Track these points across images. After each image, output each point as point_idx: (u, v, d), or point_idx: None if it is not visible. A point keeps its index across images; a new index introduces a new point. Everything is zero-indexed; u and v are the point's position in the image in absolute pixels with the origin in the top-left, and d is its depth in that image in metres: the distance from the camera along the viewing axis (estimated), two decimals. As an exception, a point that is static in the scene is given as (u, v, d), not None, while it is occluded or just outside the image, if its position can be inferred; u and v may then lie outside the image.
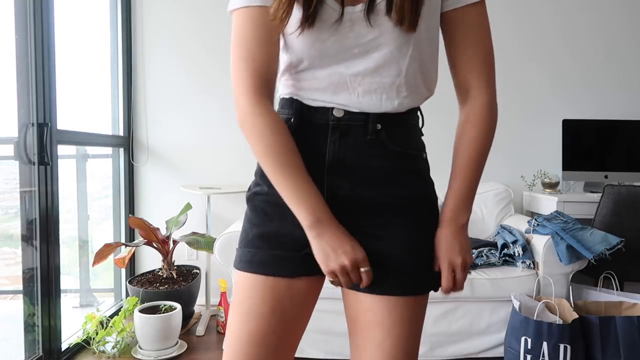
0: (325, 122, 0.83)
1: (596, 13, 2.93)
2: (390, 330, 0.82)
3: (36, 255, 1.96)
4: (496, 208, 2.68)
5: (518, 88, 2.96)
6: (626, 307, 2.04)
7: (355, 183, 0.83)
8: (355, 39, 0.80)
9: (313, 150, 0.83)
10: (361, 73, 0.81)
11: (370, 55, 0.80)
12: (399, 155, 0.84)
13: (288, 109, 0.87)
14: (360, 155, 0.83)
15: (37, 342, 1.99)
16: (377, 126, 0.83)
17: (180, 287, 2.42)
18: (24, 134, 1.92)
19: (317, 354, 2.10)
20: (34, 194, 1.96)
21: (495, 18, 2.91)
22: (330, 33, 0.79)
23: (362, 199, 0.83)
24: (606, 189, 2.27)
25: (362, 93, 0.82)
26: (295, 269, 0.85)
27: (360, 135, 0.83)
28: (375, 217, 0.84)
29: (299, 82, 0.85)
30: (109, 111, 2.84)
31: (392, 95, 0.82)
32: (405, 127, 0.86)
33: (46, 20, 1.96)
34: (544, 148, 2.95)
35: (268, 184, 0.84)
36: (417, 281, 0.84)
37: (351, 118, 0.83)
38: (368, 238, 0.83)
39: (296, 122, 0.85)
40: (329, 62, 0.82)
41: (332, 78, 0.82)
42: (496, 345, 2.10)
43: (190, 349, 2.26)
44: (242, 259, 0.87)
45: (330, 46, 0.80)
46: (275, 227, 0.85)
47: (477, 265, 2.16)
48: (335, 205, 0.82)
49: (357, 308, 0.86)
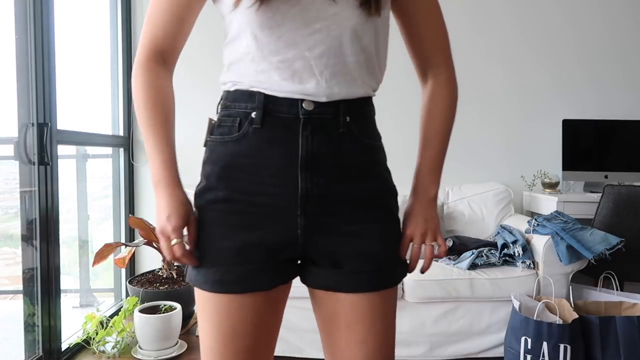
0: (295, 115, 0.78)
1: (599, 13, 2.93)
2: (371, 326, 0.82)
3: (36, 255, 1.96)
4: (496, 208, 2.68)
5: (518, 88, 2.96)
6: (626, 307, 2.04)
7: (332, 179, 0.79)
8: (317, 13, 0.76)
9: (283, 147, 0.78)
10: (325, 54, 0.77)
11: (333, 33, 0.77)
12: (368, 147, 0.83)
13: (247, 102, 0.80)
14: (334, 149, 0.79)
15: (37, 342, 1.99)
16: (347, 118, 0.80)
17: (180, 287, 2.42)
18: (24, 134, 1.92)
19: (317, 354, 2.10)
20: (34, 194, 1.96)
21: (498, 18, 2.92)
22: (291, 4, 0.75)
23: (338, 196, 0.80)
24: (606, 189, 2.27)
25: (330, 77, 0.78)
26: (272, 281, 0.81)
27: (332, 129, 0.79)
28: (353, 214, 0.81)
29: (259, 72, 0.78)
30: (109, 111, 2.84)
31: (356, 75, 0.80)
32: (368, 118, 0.85)
33: (46, 20, 1.96)
34: (544, 148, 2.95)
35: (224, 186, 0.80)
36: (392, 273, 0.85)
37: (322, 111, 0.78)
38: (347, 237, 0.81)
39: (260, 116, 0.78)
40: (290, 41, 0.76)
41: (296, 64, 0.77)
42: (496, 345, 2.10)
43: (190, 349, 2.26)
44: (209, 279, 0.79)
45: (292, 19, 0.76)
46: (242, 238, 0.79)
47: (477, 265, 2.16)
48: (311, 205, 0.79)
49: (336, 308, 0.83)
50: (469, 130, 2.95)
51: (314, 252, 0.82)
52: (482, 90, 2.96)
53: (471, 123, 2.96)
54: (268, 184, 0.79)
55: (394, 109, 2.83)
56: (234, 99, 0.82)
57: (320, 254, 0.82)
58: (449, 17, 2.93)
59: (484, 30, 2.94)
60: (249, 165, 0.79)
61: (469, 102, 2.95)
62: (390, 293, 0.85)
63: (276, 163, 0.78)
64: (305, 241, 0.80)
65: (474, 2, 2.93)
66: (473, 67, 2.94)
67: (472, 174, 2.94)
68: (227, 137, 0.81)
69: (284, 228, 0.79)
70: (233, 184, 0.80)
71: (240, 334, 0.80)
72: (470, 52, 2.94)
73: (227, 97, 0.83)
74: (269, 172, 0.78)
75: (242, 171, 0.79)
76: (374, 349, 0.82)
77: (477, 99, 2.96)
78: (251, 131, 0.79)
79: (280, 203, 0.79)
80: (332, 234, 0.80)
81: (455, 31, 3.03)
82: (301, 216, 0.79)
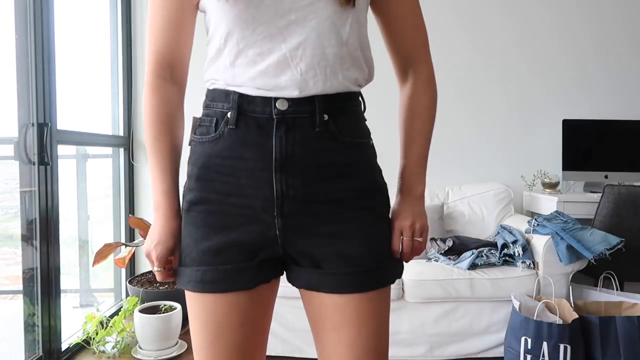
0: (269, 115, 0.76)
1: (593, 13, 2.93)
2: (360, 328, 0.80)
3: (36, 255, 1.96)
4: (496, 208, 2.68)
5: (518, 88, 2.96)
6: (626, 307, 2.04)
7: (307, 181, 0.78)
8: (292, 3, 0.74)
9: (258, 148, 0.77)
10: (302, 45, 0.75)
11: (309, 23, 0.75)
12: (349, 145, 0.81)
13: (223, 102, 0.79)
14: (309, 150, 0.77)
15: (37, 342, 1.99)
16: (324, 117, 0.78)
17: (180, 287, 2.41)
18: (24, 134, 1.92)
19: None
20: (34, 194, 1.96)
21: (497, 21, 2.92)
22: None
23: (315, 197, 0.78)
24: (606, 189, 2.27)
25: (306, 69, 0.75)
26: (252, 280, 0.81)
27: (308, 128, 0.77)
28: (331, 215, 0.80)
29: (233, 67, 0.78)
30: (109, 111, 2.84)
31: (337, 69, 0.78)
32: (351, 115, 0.82)
33: (46, 20, 1.96)
34: (544, 148, 2.95)
35: (201, 187, 0.81)
36: (379, 274, 0.82)
37: (297, 110, 0.76)
38: (326, 239, 0.79)
39: (234, 116, 0.78)
40: (265, 33, 0.75)
41: (271, 57, 0.75)
42: (496, 345, 2.10)
43: (190, 349, 2.26)
44: (192, 278, 0.80)
45: (265, 10, 0.74)
46: (221, 238, 0.79)
47: (477, 265, 2.16)
48: (287, 206, 0.78)
49: (321, 310, 0.82)
50: (469, 131, 2.95)
51: (293, 252, 0.81)
52: (482, 91, 2.96)
53: (471, 123, 2.96)
54: (244, 185, 0.78)
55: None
56: (213, 98, 0.82)
57: (299, 255, 0.81)
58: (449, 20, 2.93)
59: (483, 33, 2.94)
60: (224, 167, 0.79)
61: (469, 103, 2.95)
62: (379, 294, 0.82)
63: (251, 164, 0.77)
64: (284, 241, 0.80)
65: (472, 8, 2.93)
66: (473, 68, 2.94)
67: (472, 174, 2.94)
68: (205, 137, 0.81)
69: (261, 229, 0.79)
70: (210, 185, 0.80)
71: (226, 332, 0.81)
72: (470, 53, 2.94)
73: (207, 96, 0.84)
74: (244, 173, 0.78)
75: (218, 172, 0.79)
76: (364, 352, 0.81)
77: (476, 99, 2.96)
78: (226, 132, 0.79)
79: (257, 204, 0.78)
80: (311, 235, 0.80)
81: (455, 33, 3.06)
82: (278, 217, 0.78)
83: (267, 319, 0.87)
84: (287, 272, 0.86)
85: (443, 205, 2.68)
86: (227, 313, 0.80)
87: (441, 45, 2.86)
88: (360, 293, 0.80)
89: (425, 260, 2.32)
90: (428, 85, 0.89)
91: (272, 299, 0.87)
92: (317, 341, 0.87)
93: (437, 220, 2.56)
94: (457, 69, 2.93)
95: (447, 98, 2.92)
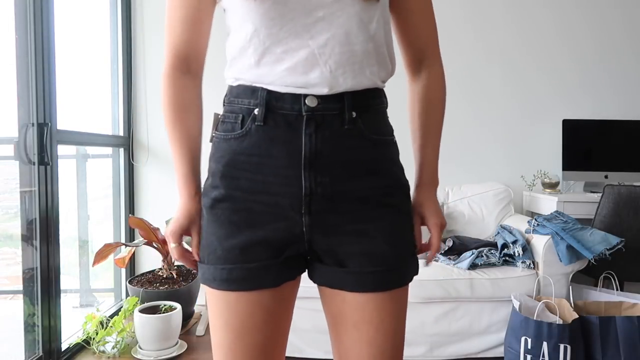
0: (298, 112, 0.76)
1: (595, 14, 2.93)
2: (379, 326, 0.81)
3: (36, 255, 1.96)
4: (496, 208, 2.68)
5: (518, 88, 2.96)
6: (626, 307, 2.04)
7: (336, 178, 0.78)
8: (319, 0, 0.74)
9: (286, 145, 0.76)
10: (330, 41, 0.75)
11: (337, 20, 0.75)
12: (376, 143, 0.81)
13: (249, 98, 0.79)
14: (339, 147, 0.77)
15: (37, 342, 1.99)
16: (353, 114, 0.78)
17: (180, 287, 2.42)
18: (24, 134, 1.92)
19: (317, 354, 2.10)
20: (34, 194, 1.96)
21: (498, 21, 2.92)
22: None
23: (343, 195, 0.78)
24: (606, 189, 2.27)
25: (335, 66, 0.75)
26: (278, 278, 0.80)
27: (337, 126, 0.77)
28: (358, 212, 0.80)
29: (259, 66, 0.77)
30: (109, 111, 2.84)
31: (364, 65, 0.78)
32: (377, 113, 0.83)
33: (46, 20, 1.96)
34: (544, 148, 2.95)
35: (226, 184, 0.79)
36: (402, 272, 0.83)
37: (326, 107, 0.76)
38: (351, 237, 0.80)
39: (262, 113, 0.77)
40: (292, 31, 0.75)
41: (299, 54, 0.75)
42: (496, 345, 2.10)
43: (190, 349, 2.26)
44: (217, 277, 0.80)
45: (293, 7, 0.74)
46: (246, 236, 0.78)
47: (477, 265, 2.16)
48: (315, 204, 0.78)
49: (343, 307, 0.83)
50: (469, 130, 2.95)
51: (318, 249, 0.81)
52: (482, 91, 2.96)
53: (471, 123, 2.96)
54: (271, 182, 0.78)
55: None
56: (237, 94, 0.81)
57: (324, 252, 0.81)
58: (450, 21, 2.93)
59: (484, 33, 2.94)
60: (251, 164, 0.78)
61: (469, 103, 2.95)
62: (400, 293, 0.83)
63: (279, 162, 0.77)
64: (310, 238, 0.80)
65: (474, 7, 2.93)
66: (473, 68, 2.94)
67: (472, 174, 2.94)
68: (230, 134, 0.80)
69: (288, 226, 0.79)
70: (235, 183, 0.79)
71: (249, 331, 0.80)
72: (470, 53, 2.94)
73: (231, 92, 0.83)
74: (272, 170, 0.77)
75: (244, 169, 0.79)
76: (382, 350, 0.81)
77: (477, 99, 2.96)
78: (254, 128, 0.78)
79: (284, 202, 0.78)
80: (337, 233, 0.80)
81: (456, 34, 3.06)
82: (306, 215, 0.78)
83: (288, 317, 0.87)
84: (309, 270, 0.86)
85: (443, 205, 2.68)
86: (251, 312, 0.80)
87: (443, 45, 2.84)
88: (382, 292, 0.81)
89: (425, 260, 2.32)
90: (441, 78, 0.91)
91: (294, 296, 0.87)
92: (336, 338, 0.87)
93: (437, 220, 2.56)
94: (458, 69, 2.93)
95: (448, 98, 2.89)
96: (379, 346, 0.81)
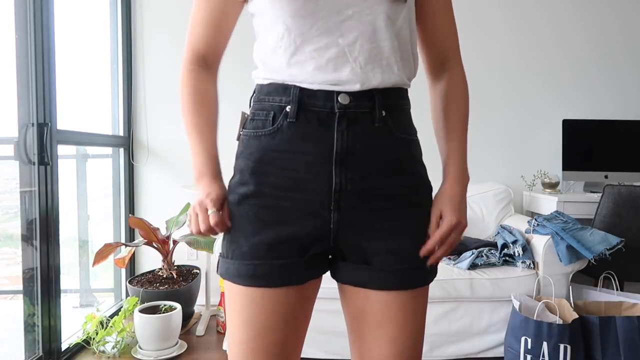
0: (330, 109, 0.78)
1: (593, 17, 2.93)
2: (402, 325, 0.81)
3: (36, 255, 1.96)
4: (496, 208, 2.68)
5: (518, 88, 2.96)
6: (626, 307, 2.04)
7: (366, 175, 0.79)
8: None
9: (318, 142, 0.78)
10: (359, 39, 0.77)
11: (365, 18, 0.77)
12: (403, 141, 0.83)
13: (281, 96, 0.80)
14: (369, 144, 0.79)
15: (37, 342, 1.99)
16: (382, 112, 0.79)
17: (180, 287, 2.42)
18: (24, 134, 1.92)
19: (317, 354, 2.10)
20: (34, 194, 1.96)
21: (496, 22, 2.92)
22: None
23: (372, 192, 0.79)
24: (606, 189, 2.27)
25: (364, 62, 0.77)
26: (304, 276, 0.81)
27: (368, 124, 0.79)
28: (386, 210, 0.80)
29: (291, 66, 0.79)
30: (109, 111, 2.84)
31: (391, 62, 0.80)
32: (404, 112, 0.84)
33: (46, 20, 1.96)
34: (544, 148, 2.95)
35: (256, 181, 0.80)
36: (425, 272, 0.83)
37: (358, 105, 0.78)
38: (379, 233, 0.80)
39: (295, 110, 0.78)
40: (322, 29, 0.76)
41: (329, 52, 0.77)
42: (496, 345, 2.10)
43: (190, 349, 2.26)
44: (242, 272, 0.80)
45: (323, 5, 0.76)
46: (274, 233, 0.79)
47: (477, 265, 2.16)
48: (344, 200, 0.78)
49: (366, 306, 0.83)
50: (469, 130, 2.95)
51: (344, 247, 0.81)
52: (481, 92, 2.96)
53: (471, 123, 2.94)
54: (302, 179, 0.78)
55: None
56: (268, 92, 0.82)
57: (350, 250, 0.82)
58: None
59: (484, 34, 2.94)
60: (282, 160, 0.79)
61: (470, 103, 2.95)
62: (422, 292, 0.84)
63: (311, 158, 0.78)
64: (336, 235, 0.80)
65: (472, 11, 2.93)
66: (473, 68, 2.94)
67: (472, 174, 2.91)
68: (260, 131, 0.81)
69: (316, 223, 0.79)
70: (265, 179, 0.80)
71: (270, 328, 0.80)
72: (470, 54, 2.94)
73: (261, 90, 0.83)
74: (303, 167, 0.78)
75: (275, 166, 0.79)
76: (403, 349, 0.82)
77: (477, 100, 2.96)
78: (285, 125, 0.79)
79: (314, 198, 0.78)
80: (364, 230, 0.80)
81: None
82: (334, 211, 0.79)
83: (308, 317, 0.87)
84: (333, 269, 0.87)
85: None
86: (275, 310, 0.80)
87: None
88: (406, 290, 0.81)
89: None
90: (464, 78, 0.93)
91: (315, 296, 0.88)
92: (357, 337, 0.86)
93: (437, 220, 2.56)
94: (457, 69, 2.93)
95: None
96: (402, 345, 0.82)
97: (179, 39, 2.87)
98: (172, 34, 2.88)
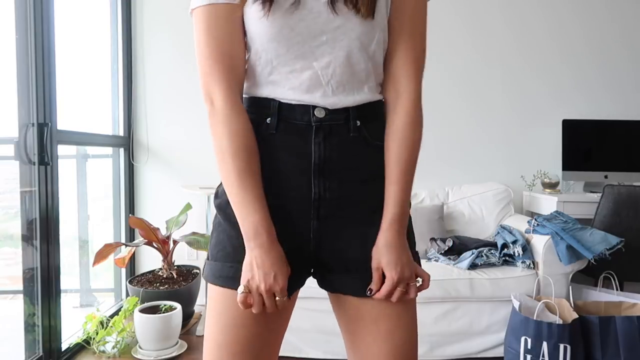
0: (307, 122, 0.80)
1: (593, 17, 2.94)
2: (397, 321, 0.83)
3: (36, 255, 1.96)
4: (496, 208, 2.68)
5: (518, 88, 2.96)
6: (626, 307, 2.04)
7: (343, 183, 0.81)
8: (323, 25, 0.78)
9: (297, 153, 0.80)
10: (332, 63, 0.79)
11: (339, 43, 0.79)
12: (379, 149, 0.84)
13: (263, 109, 0.82)
14: (345, 154, 0.81)
15: (37, 342, 1.99)
16: (357, 122, 0.82)
17: (180, 287, 2.42)
18: (24, 134, 1.92)
19: (317, 354, 2.10)
20: (34, 194, 1.96)
21: (496, 23, 2.92)
22: (299, 18, 0.78)
23: (349, 200, 0.82)
24: (606, 189, 2.27)
25: (336, 85, 0.80)
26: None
27: (344, 134, 0.81)
28: (363, 217, 0.83)
29: (269, 82, 0.82)
30: (109, 111, 2.84)
31: (363, 83, 0.82)
32: (378, 119, 0.85)
33: (46, 20, 1.96)
34: (544, 148, 2.95)
35: None
36: None
37: (333, 117, 0.81)
38: (357, 240, 0.82)
39: (275, 122, 0.81)
40: (297, 53, 0.79)
41: (304, 74, 0.80)
42: (496, 345, 2.10)
43: (190, 349, 2.26)
44: (223, 274, 0.81)
45: (299, 32, 0.78)
46: None
47: (477, 265, 2.16)
48: (323, 209, 0.81)
49: (359, 307, 0.84)
50: (469, 131, 2.95)
51: (325, 255, 0.83)
52: (481, 92, 2.96)
53: (471, 124, 2.96)
54: (282, 187, 0.81)
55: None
56: (250, 104, 0.84)
57: (331, 257, 0.83)
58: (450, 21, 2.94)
59: (484, 34, 2.94)
60: (263, 170, 0.80)
61: (469, 104, 2.95)
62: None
63: (290, 168, 0.80)
64: (317, 244, 0.82)
65: (472, 11, 2.93)
66: (473, 68, 2.94)
67: (472, 174, 2.94)
68: None
69: (297, 231, 0.81)
70: None
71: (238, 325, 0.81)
72: (470, 53, 2.94)
73: (244, 102, 0.84)
74: (283, 176, 0.80)
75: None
76: (400, 343, 0.83)
77: (476, 100, 2.96)
78: (266, 137, 0.81)
79: (294, 207, 0.81)
80: (343, 238, 0.82)
81: (455, 34, 3.05)
82: (314, 220, 0.81)
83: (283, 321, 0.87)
84: (318, 278, 0.87)
85: (443, 205, 2.68)
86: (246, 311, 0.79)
87: (442, 45, 2.86)
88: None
89: (425, 260, 2.32)
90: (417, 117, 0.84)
91: (292, 299, 0.87)
92: (354, 339, 0.87)
93: (437, 220, 2.56)
94: (458, 70, 2.93)
95: (448, 98, 2.92)
96: (399, 339, 0.83)
97: (179, 39, 2.87)
98: (172, 34, 2.88)
